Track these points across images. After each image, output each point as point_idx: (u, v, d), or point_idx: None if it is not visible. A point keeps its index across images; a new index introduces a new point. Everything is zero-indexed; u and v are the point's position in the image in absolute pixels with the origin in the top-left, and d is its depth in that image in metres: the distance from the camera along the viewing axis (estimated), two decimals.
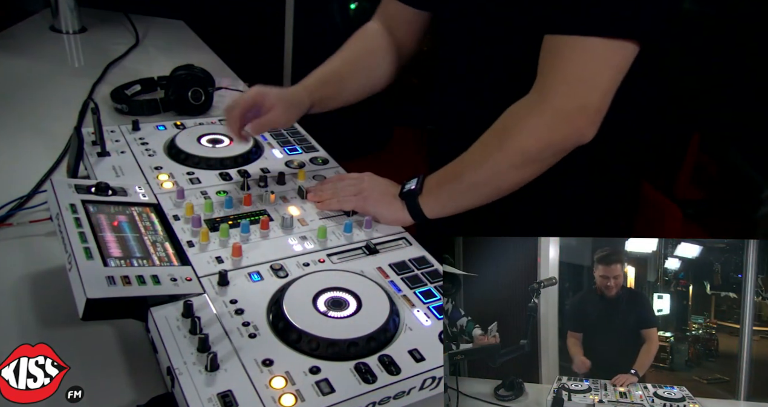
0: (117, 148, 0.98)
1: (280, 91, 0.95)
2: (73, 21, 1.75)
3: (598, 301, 0.69)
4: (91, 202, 0.78)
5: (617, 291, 0.68)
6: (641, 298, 0.68)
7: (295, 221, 0.85)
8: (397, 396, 0.63)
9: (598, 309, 0.69)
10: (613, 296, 0.68)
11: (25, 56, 1.57)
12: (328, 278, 0.74)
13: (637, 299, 0.68)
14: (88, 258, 0.68)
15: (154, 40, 1.78)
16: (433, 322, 0.70)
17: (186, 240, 0.78)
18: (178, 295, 0.68)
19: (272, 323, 0.67)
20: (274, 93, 0.94)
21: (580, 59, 0.77)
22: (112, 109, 1.27)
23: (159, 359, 0.65)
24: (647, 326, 0.67)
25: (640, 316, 0.68)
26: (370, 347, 0.65)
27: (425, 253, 0.82)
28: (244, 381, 0.59)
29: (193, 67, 1.30)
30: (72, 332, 0.71)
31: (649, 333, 0.67)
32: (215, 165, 0.96)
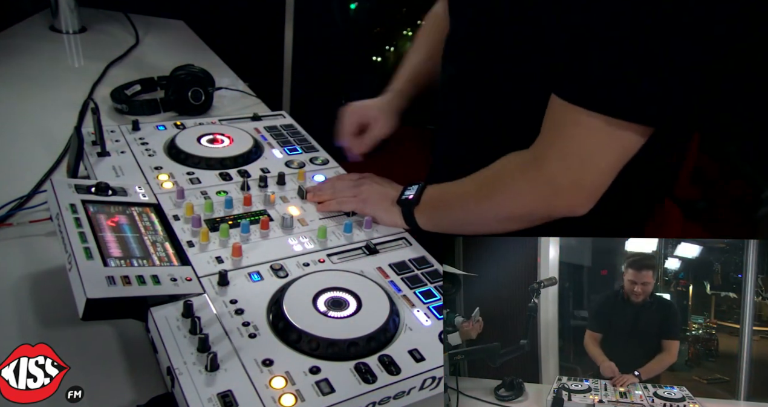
0: (117, 148, 0.98)
1: (377, 103, 0.95)
2: (73, 21, 1.75)
3: (622, 306, 0.68)
4: (91, 201, 0.78)
5: (644, 297, 0.67)
6: (670, 309, 0.67)
7: (295, 221, 0.85)
8: (397, 396, 0.63)
9: (622, 313, 0.68)
10: (639, 302, 0.68)
11: (25, 56, 1.57)
12: (328, 278, 0.74)
13: (666, 309, 0.68)
14: (88, 258, 0.68)
15: (154, 40, 1.78)
16: (433, 322, 0.70)
17: (186, 240, 0.78)
18: (178, 295, 0.68)
19: (272, 323, 0.67)
20: (372, 106, 0.94)
21: (581, 134, 0.70)
22: (112, 109, 1.27)
23: (159, 359, 0.65)
24: (668, 337, 0.66)
25: (665, 326, 0.67)
26: (370, 347, 0.65)
27: (425, 253, 0.82)
28: (244, 381, 0.59)
29: (193, 67, 1.30)
30: (72, 332, 0.71)
31: (669, 345, 0.66)
32: (215, 165, 0.96)
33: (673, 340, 0.66)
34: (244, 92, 1.46)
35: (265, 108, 1.38)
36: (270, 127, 1.12)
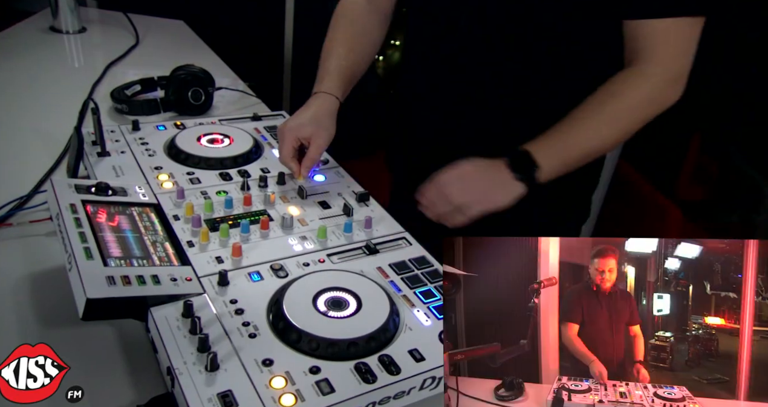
0: (117, 148, 0.98)
1: (310, 116, 0.93)
2: (73, 21, 1.75)
3: (594, 295, 0.69)
4: (91, 201, 0.78)
5: (611, 285, 0.68)
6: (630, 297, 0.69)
7: (295, 221, 0.85)
8: (397, 396, 0.63)
9: (596, 302, 0.69)
10: (608, 290, 0.68)
11: (25, 56, 1.57)
12: (328, 278, 0.74)
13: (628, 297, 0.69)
14: (88, 258, 0.68)
15: (154, 40, 1.78)
16: (433, 322, 0.70)
17: (186, 240, 0.78)
18: (178, 295, 0.68)
19: (272, 323, 0.67)
20: (305, 123, 0.92)
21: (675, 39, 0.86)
22: (112, 109, 1.27)
23: (159, 359, 0.65)
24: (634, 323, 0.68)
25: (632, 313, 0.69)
26: (370, 347, 0.65)
27: (425, 253, 0.82)
28: (244, 381, 0.59)
29: (193, 67, 1.30)
30: (72, 332, 0.71)
31: (636, 330, 0.68)
32: (215, 165, 0.96)
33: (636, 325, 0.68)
34: (244, 92, 1.46)
35: (265, 108, 1.38)
36: (270, 127, 1.12)
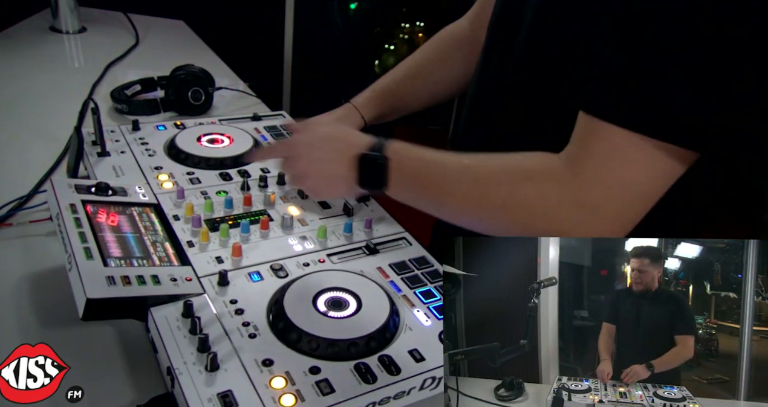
0: (117, 148, 0.98)
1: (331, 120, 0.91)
2: (73, 21, 1.75)
3: (626, 296, 0.68)
4: (91, 201, 0.78)
5: (644, 287, 0.67)
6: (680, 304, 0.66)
7: (295, 221, 0.85)
8: (397, 396, 0.63)
9: (626, 303, 0.68)
10: (640, 291, 0.68)
11: (25, 56, 1.57)
12: (328, 278, 0.74)
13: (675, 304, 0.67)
14: (88, 258, 0.68)
15: (154, 40, 1.78)
16: (433, 322, 0.70)
17: (186, 240, 0.78)
18: (178, 295, 0.68)
19: (272, 323, 0.67)
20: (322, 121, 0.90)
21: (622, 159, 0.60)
22: (112, 109, 1.27)
23: (159, 359, 0.65)
24: (680, 332, 0.65)
25: (675, 321, 0.66)
26: (370, 347, 0.65)
27: (425, 253, 0.82)
28: (244, 381, 0.59)
29: (193, 67, 1.30)
30: (72, 332, 0.71)
31: (683, 339, 0.64)
32: (215, 165, 0.96)
33: (685, 335, 0.65)
34: (244, 92, 1.46)
35: (265, 108, 1.38)
36: (270, 127, 1.12)
